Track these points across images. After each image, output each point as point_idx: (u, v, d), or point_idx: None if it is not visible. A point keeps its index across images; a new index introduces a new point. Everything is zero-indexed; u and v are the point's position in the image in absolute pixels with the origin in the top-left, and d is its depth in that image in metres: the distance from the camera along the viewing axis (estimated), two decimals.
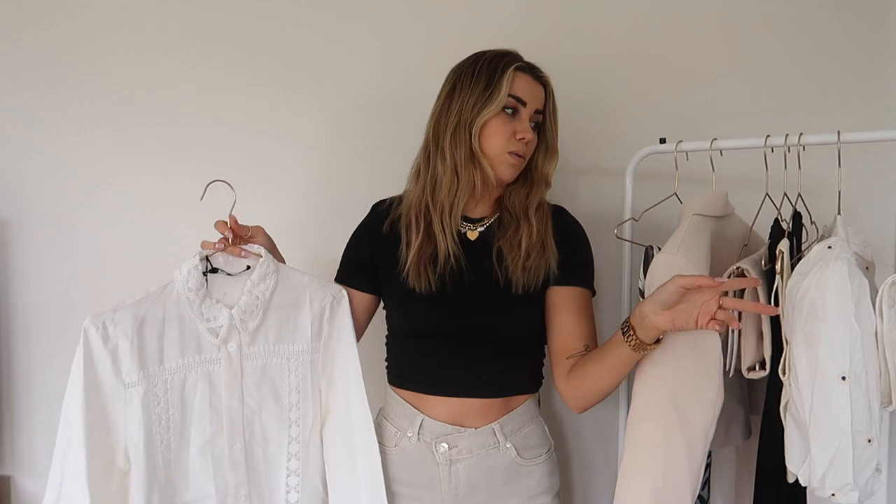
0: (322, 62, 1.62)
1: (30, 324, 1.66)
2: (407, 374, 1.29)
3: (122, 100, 1.62)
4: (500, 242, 1.25)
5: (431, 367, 1.25)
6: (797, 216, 1.18)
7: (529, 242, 1.23)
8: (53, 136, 1.63)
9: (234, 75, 1.62)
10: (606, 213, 1.56)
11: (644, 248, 1.34)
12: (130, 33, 1.62)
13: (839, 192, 1.14)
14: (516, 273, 1.22)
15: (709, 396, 1.11)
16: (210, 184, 1.19)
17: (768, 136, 1.20)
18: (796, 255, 1.15)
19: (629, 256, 1.45)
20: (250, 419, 1.22)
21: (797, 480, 1.09)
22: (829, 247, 1.05)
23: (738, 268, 1.13)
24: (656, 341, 1.10)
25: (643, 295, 1.24)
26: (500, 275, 1.23)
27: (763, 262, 1.15)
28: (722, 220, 1.25)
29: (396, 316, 1.30)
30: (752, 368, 1.17)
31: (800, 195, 1.18)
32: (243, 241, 1.23)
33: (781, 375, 1.09)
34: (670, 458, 1.10)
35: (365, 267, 1.32)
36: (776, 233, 1.19)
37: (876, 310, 1.04)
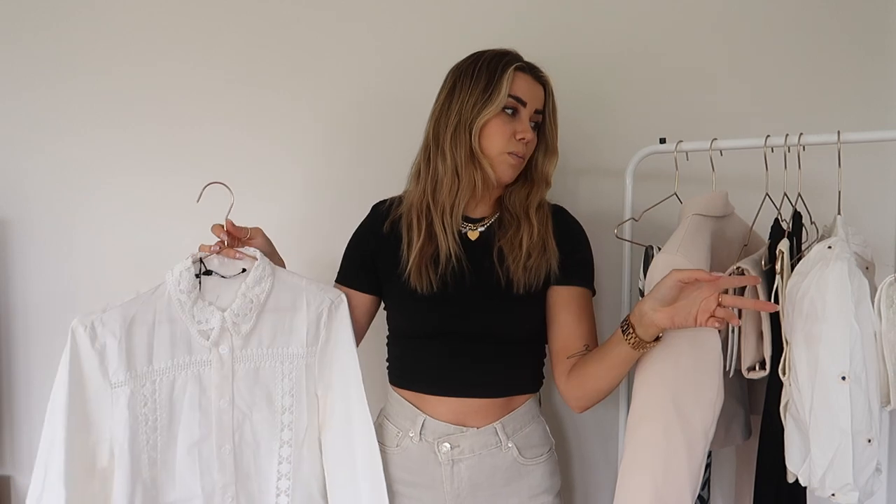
0: (322, 62, 1.62)
1: (30, 324, 1.66)
2: (408, 375, 1.29)
3: (122, 100, 1.62)
4: (501, 242, 1.25)
5: (433, 368, 1.25)
6: (797, 216, 1.18)
7: (530, 242, 1.23)
8: (53, 136, 1.63)
9: (234, 75, 1.62)
10: (606, 213, 1.56)
11: (644, 248, 1.34)
12: (130, 33, 1.62)
13: (839, 192, 1.14)
14: (517, 273, 1.22)
15: (709, 396, 1.11)
16: (207, 186, 1.19)
17: (768, 136, 1.20)
18: (796, 255, 1.15)
19: (629, 256, 1.45)
20: (241, 421, 1.21)
21: (797, 480, 1.09)
22: (829, 247, 1.06)
23: (738, 268, 1.13)
24: (656, 339, 1.10)
25: (643, 295, 1.24)
26: (501, 275, 1.23)
27: (763, 262, 1.15)
28: (722, 220, 1.25)
29: (397, 316, 1.30)
30: (752, 368, 1.18)
31: (800, 195, 1.19)
32: (241, 243, 1.23)
33: (781, 375, 1.09)
34: (670, 457, 1.10)
35: (365, 268, 1.32)
36: (776, 233, 1.19)
37: (874, 310, 1.05)
